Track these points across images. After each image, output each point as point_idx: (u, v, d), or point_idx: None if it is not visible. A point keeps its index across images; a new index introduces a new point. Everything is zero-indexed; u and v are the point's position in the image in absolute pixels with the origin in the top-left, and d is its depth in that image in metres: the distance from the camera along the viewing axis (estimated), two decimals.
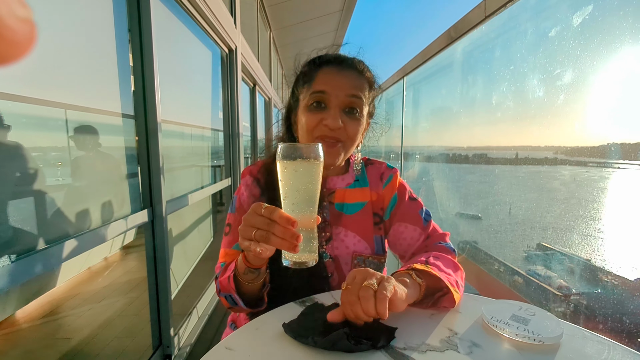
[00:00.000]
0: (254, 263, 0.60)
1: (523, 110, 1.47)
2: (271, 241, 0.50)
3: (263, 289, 0.68)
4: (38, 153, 0.94)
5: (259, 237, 0.50)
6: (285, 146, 0.51)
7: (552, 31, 1.23)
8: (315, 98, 0.73)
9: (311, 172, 0.51)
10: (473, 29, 1.41)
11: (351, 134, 0.74)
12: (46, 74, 0.89)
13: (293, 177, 0.51)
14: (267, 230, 0.50)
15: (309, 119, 0.73)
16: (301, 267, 0.53)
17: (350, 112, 0.74)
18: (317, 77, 0.74)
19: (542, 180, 1.63)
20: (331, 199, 0.82)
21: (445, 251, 0.78)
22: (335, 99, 0.72)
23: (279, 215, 0.50)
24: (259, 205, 0.51)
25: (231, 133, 2.69)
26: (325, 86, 0.72)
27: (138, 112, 1.30)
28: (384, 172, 0.87)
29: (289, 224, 0.49)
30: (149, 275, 1.41)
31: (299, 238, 0.50)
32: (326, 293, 0.69)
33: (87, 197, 1.10)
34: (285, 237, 0.49)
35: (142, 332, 1.79)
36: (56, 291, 2.23)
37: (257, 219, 0.51)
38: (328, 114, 0.72)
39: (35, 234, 0.88)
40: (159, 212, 1.38)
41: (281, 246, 0.50)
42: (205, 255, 2.50)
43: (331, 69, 0.75)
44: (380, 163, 0.90)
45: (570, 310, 1.20)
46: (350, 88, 0.73)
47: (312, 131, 0.73)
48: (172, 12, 1.64)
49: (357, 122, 0.75)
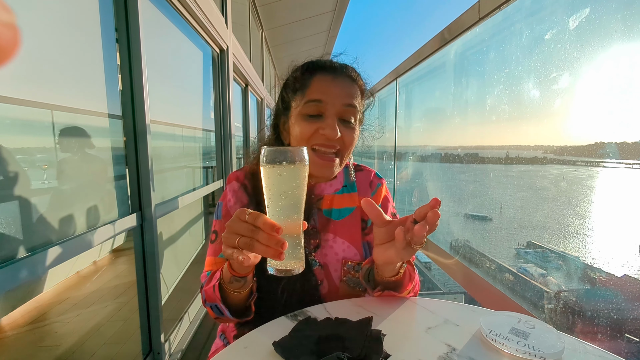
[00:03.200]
0: (239, 271, 0.59)
1: (514, 110, 1.48)
2: (255, 248, 0.48)
3: (250, 298, 0.66)
4: (22, 155, 0.90)
5: (242, 244, 0.48)
6: (269, 150, 0.49)
7: (546, 33, 1.24)
8: (311, 107, 0.71)
9: (296, 176, 0.50)
10: (467, 31, 1.41)
11: (348, 143, 0.74)
12: (29, 73, 0.86)
13: (278, 182, 0.50)
14: (251, 237, 0.48)
15: (304, 129, 0.72)
16: (287, 275, 0.51)
17: (346, 122, 0.73)
18: (312, 84, 0.73)
19: (532, 179, 1.65)
20: (319, 205, 0.81)
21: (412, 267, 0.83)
22: (332, 108, 0.71)
23: (263, 222, 0.48)
24: (242, 212, 0.50)
25: (223, 134, 2.66)
26: (322, 95, 0.71)
27: (126, 112, 1.27)
28: (373, 181, 0.88)
29: (273, 231, 0.47)
30: (138, 281, 1.37)
31: (284, 245, 0.47)
32: (319, 305, 0.67)
33: (73, 201, 1.06)
34: (270, 244, 0.47)
35: (132, 338, 1.74)
36: (43, 297, 2.17)
37: (241, 226, 0.49)
38: (325, 124, 0.70)
39: (20, 239, 0.84)
40: (148, 215, 1.35)
41: (266, 253, 0.48)
42: (197, 258, 2.46)
43: (325, 76, 0.73)
44: (370, 171, 0.89)
45: (560, 308, 1.21)
46: (346, 97, 0.72)
47: (307, 140, 0.72)
48: (161, 12, 1.60)
49: (353, 131, 0.75)
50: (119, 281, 2.56)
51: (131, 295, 2.20)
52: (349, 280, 0.76)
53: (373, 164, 4.16)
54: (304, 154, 0.50)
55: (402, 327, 0.59)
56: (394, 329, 0.57)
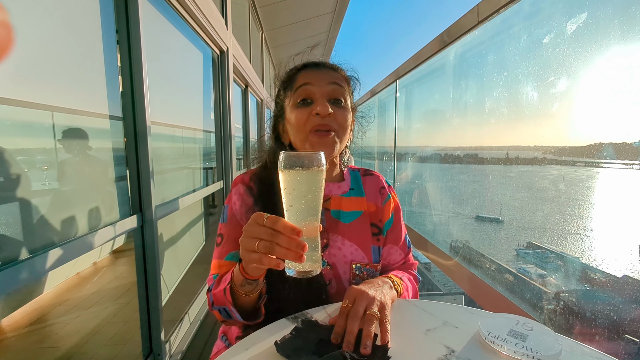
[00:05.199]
0: (253, 274, 0.58)
1: (513, 111, 1.49)
2: (276, 252, 0.48)
3: (260, 300, 0.66)
4: (22, 157, 0.90)
5: (262, 248, 0.49)
6: (287, 155, 0.51)
7: (544, 36, 1.24)
8: (301, 92, 0.76)
9: (314, 180, 0.51)
10: (466, 34, 1.42)
11: (341, 121, 0.76)
12: (30, 74, 0.86)
13: (297, 186, 0.51)
14: (271, 240, 0.48)
15: (298, 115, 0.75)
16: (306, 277, 0.52)
17: (336, 102, 0.76)
18: (298, 78, 0.78)
19: (532, 179, 1.65)
20: (327, 205, 0.82)
21: (415, 279, 0.88)
22: (319, 89, 0.75)
23: (283, 225, 0.48)
24: (260, 216, 0.50)
25: (223, 135, 2.66)
26: (307, 80, 0.76)
27: (126, 113, 1.27)
28: (383, 187, 0.90)
29: (294, 234, 0.48)
30: (138, 283, 1.37)
31: (305, 247, 0.48)
32: (319, 308, 0.67)
33: (73, 203, 1.06)
34: (291, 247, 0.48)
35: (132, 339, 1.75)
36: (44, 297, 2.17)
37: (260, 230, 0.49)
38: (316, 104, 0.74)
39: (19, 241, 0.84)
40: (148, 217, 1.35)
41: (287, 256, 0.49)
42: (197, 259, 2.46)
43: (309, 69, 0.80)
44: (379, 176, 0.92)
45: (560, 308, 1.21)
46: (330, 78, 0.77)
47: (303, 126, 0.75)
48: (161, 13, 1.61)
49: (345, 110, 0.77)
50: (120, 282, 2.57)
51: (131, 296, 2.20)
52: (357, 283, 0.76)
53: (373, 165, 4.17)
54: (322, 159, 0.52)
55: (401, 329, 0.59)
56: (394, 330, 0.57)
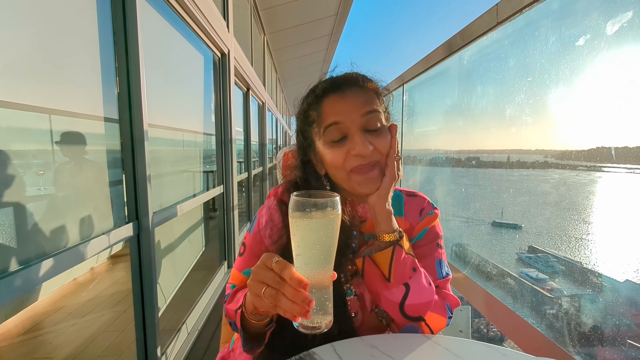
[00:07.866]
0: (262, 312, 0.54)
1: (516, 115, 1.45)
2: (281, 303, 0.44)
3: (268, 325, 0.61)
4: (16, 161, 0.85)
5: (267, 296, 0.45)
6: (297, 199, 0.45)
7: (550, 38, 1.21)
8: (332, 132, 0.66)
9: (328, 225, 0.45)
10: (482, 36, 1.36)
11: (383, 150, 0.67)
12: (24, 76, 0.81)
13: (307, 232, 0.45)
14: (277, 289, 0.44)
15: (334, 156, 0.66)
16: (313, 332, 0.46)
17: (372, 131, 0.67)
18: (323, 110, 0.68)
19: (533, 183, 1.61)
20: (362, 228, 0.74)
21: (442, 305, 0.69)
22: (353, 124, 0.65)
23: (290, 276, 0.44)
24: (269, 257, 0.46)
25: (224, 138, 2.61)
26: (337, 116, 0.66)
27: (123, 116, 1.22)
28: (426, 207, 0.78)
29: (300, 286, 0.43)
30: (134, 292, 1.31)
31: (311, 303, 0.43)
32: (327, 345, 0.60)
33: (65, 210, 1.01)
34: (296, 300, 0.43)
35: (127, 350, 1.68)
36: (38, 305, 2.11)
37: (267, 274, 0.45)
38: (353, 143, 0.65)
39: (11, 250, 0.79)
40: (145, 225, 1.29)
41: (292, 310, 0.44)
42: (196, 266, 2.40)
43: (333, 97, 0.68)
44: (424, 198, 0.81)
45: (561, 313, 1.17)
46: (361, 106, 0.66)
47: (343, 166, 0.66)
48: (160, 15, 1.56)
49: (383, 134, 0.68)
50: (115, 289, 2.50)
51: (128, 304, 2.14)
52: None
53: None
54: (336, 202, 0.46)
55: None
56: None
